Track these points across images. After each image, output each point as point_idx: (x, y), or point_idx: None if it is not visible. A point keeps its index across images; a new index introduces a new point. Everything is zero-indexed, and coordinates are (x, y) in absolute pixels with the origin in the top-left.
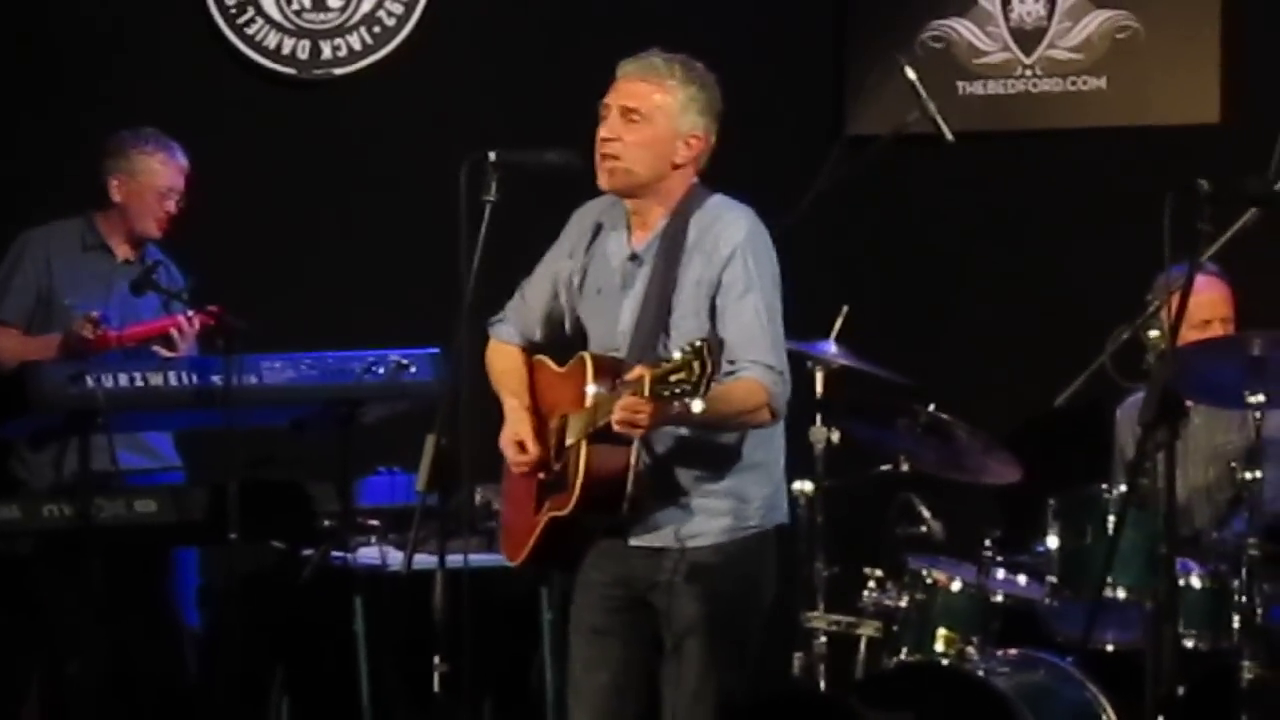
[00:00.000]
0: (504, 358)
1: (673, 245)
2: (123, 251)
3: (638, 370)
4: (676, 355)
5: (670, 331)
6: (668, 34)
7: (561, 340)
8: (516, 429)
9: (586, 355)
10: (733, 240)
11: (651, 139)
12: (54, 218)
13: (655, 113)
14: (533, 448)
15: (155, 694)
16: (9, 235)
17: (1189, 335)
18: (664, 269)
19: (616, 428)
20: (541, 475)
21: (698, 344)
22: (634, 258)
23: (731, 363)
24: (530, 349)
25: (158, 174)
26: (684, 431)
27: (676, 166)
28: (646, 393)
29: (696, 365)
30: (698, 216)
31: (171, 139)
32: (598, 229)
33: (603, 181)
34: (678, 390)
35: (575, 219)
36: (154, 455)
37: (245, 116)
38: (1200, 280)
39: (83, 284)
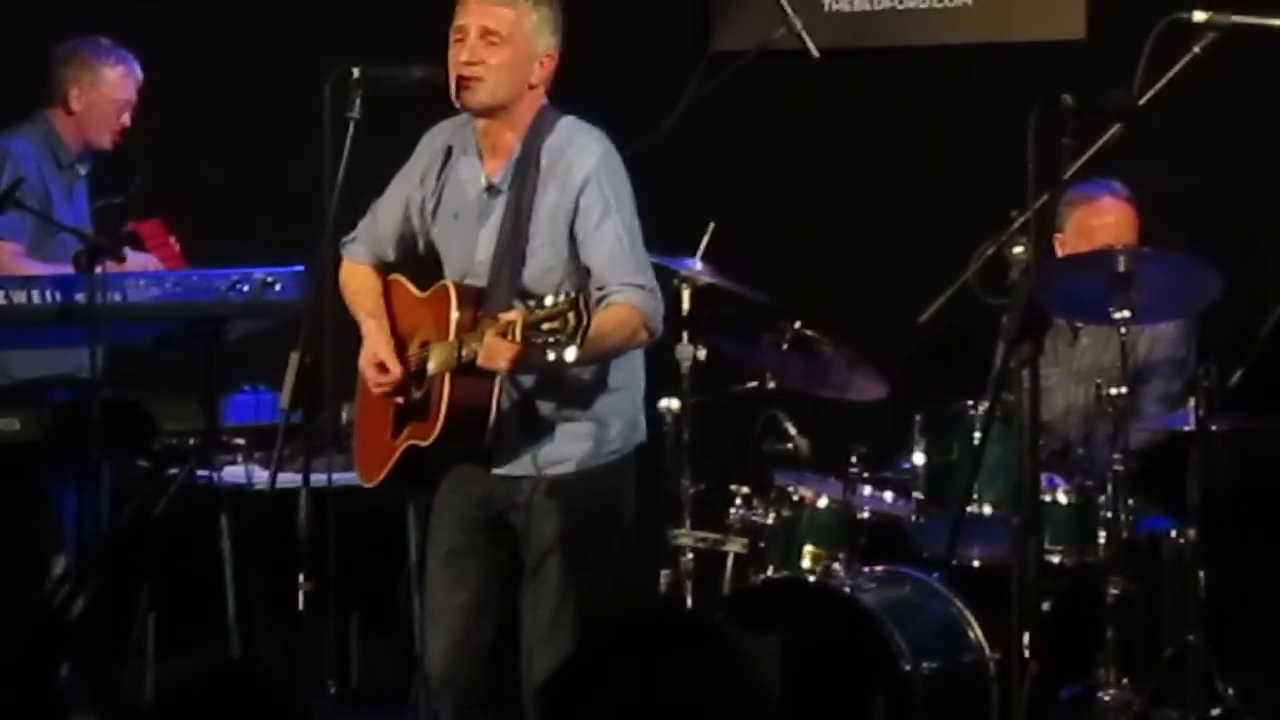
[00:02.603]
0: (357, 278)
1: (527, 173)
2: (81, 165)
3: (512, 314)
4: (549, 301)
5: (527, 260)
6: None
7: (414, 259)
8: (376, 349)
9: (450, 284)
10: (585, 165)
11: (512, 60)
12: None
13: (514, 33)
14: (394, 368)
15: (20, 612)
16: None
17: None
18: (519, 198)
19: (481, 364)
20: (401, 400)
21: (574, 295)
22: (490, 189)
23: (601, 289)
24: (384, 269)
25: (117, 86)
26: None
27: (532, 87)
28: (518, 337)
29: (572, 317)
30: (550, 142)
31: (126, 50)
32: (448, 152)
33: (464, 102)
34: (551, 340)
35: (424, 142)
36: None
37: (105, 32)
38: (1106, 201)
39: (61, 204)
